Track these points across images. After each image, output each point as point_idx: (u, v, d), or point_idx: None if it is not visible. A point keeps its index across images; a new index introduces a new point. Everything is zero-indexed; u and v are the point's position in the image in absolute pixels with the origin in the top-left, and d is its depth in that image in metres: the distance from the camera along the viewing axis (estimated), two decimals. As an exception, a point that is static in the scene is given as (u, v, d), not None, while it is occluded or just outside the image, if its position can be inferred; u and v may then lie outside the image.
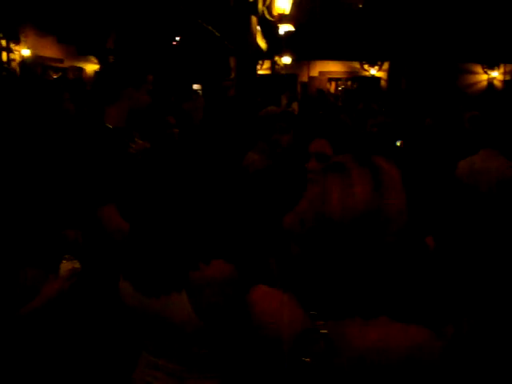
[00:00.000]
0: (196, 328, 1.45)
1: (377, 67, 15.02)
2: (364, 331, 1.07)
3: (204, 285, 1.46)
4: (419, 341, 1.07)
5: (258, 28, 7.29)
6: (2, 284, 1.92)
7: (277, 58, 11.96)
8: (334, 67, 15.20)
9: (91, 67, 13.82)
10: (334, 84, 15.42)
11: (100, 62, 13.96)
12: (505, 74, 14.45)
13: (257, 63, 7.21)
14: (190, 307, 1.49)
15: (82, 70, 13.44)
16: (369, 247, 1.15)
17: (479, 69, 14.49)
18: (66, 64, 13.53)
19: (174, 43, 14.19)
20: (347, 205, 1.15)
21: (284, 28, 8.62)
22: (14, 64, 11.59)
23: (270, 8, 7.71)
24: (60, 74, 13.26)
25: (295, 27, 8.79)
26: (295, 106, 11.14)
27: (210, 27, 9.02)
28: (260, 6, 6.96)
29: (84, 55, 13.80)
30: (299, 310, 1.11)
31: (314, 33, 12.32)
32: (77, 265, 2.12)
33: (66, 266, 2.09)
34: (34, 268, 2.08)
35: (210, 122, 7.64)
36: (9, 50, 11.42)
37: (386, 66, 14.84)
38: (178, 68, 13.01)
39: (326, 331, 1.05)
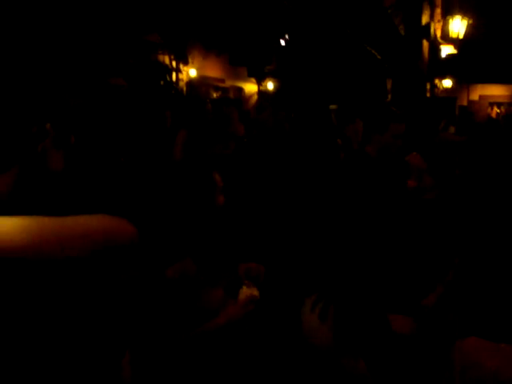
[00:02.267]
0: None
1: (545, 90, 13.98)
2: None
3: None
4: None
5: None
6: (184, 303, 1.96)
7: (437, 81, 11.61)
8: (495, 90, 14.38)
9: (250, 87, 14.41)
10: (495, 108, 14.59)
11: (258, 83, 14.51)
12: None
13: (425, 86, 7.07)
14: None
15: (241, 89, 14.05)
16: None
17: None
18: (227, 84, 14.21)
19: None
20: None
21: (446, 50, 8.39)
22: (181, 83, 12.42)
23: (439, 31, 7.56)
24: (220, 92, 14.00)
25: (457, 49, 8.51)
26: (452, 130, 10.72)
27: (372, 50, 9.02)
28: (432, 30, 6.85)
29: (251, 77, 14.39)
30: None
31: (477, 54, 11.80)
32: (255, 292, 2.10)
33: (245, 292, 2.09)
34: (216, 289, 2.11)
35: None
36: (178, 71, 12.26)
37: (555, 89, 13.79)
38: (336, 89, 13.11)
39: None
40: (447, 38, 7.28)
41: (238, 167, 3.62)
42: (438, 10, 8.53)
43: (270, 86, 14.66)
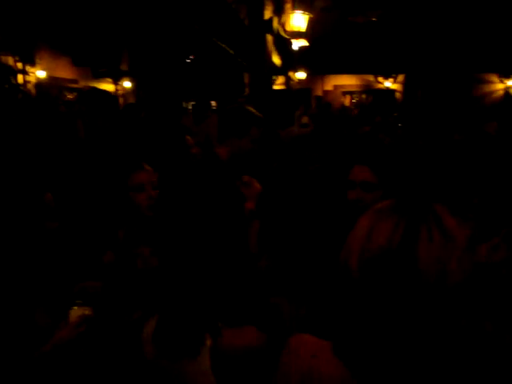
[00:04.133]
0: None
1: (391, 79, 14.90)
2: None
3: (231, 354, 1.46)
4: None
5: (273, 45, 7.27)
6: (19, 327, 1.88)
7: (291, 74, 11.90)
8: (348, 80, 15.14)
9: (105, 87, 13.86)
10: (348, 97, 15.36)
11: (114, 83, 14.01)
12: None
13: (272, 79, 7.15)
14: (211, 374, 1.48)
15: (96, 90, 13.46)
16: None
17: (495, 78, 14.22)
18: (81, 84, 13.59)
19: (188, 61, 14.21)
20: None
21: (298, 43, 8.59)
22: (29, 86, 11.66)
23: (285, 25, 7.70)
24: (75, 94, 13.35)
25: (309, 42, 8.75)
26: (305, 120, 11.02)
27: (223, 45, 9.02)
28: (275, 24, 6.93)
29: (99, 77, 13.84)
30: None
31: (328, 47, 12.29)
32: (87, 311, 2.04)
33: (75, 312, 2.02)
34: (46, 311, 2.05)
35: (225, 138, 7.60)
36: (24, 73, 11.49)
37: (400, 78, 14.75)
38: (193, 86, 13.03)
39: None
40: (291, 33, 7.43)
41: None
42: (288, 5, 8.70)
43: (126, 84, 14.24)
